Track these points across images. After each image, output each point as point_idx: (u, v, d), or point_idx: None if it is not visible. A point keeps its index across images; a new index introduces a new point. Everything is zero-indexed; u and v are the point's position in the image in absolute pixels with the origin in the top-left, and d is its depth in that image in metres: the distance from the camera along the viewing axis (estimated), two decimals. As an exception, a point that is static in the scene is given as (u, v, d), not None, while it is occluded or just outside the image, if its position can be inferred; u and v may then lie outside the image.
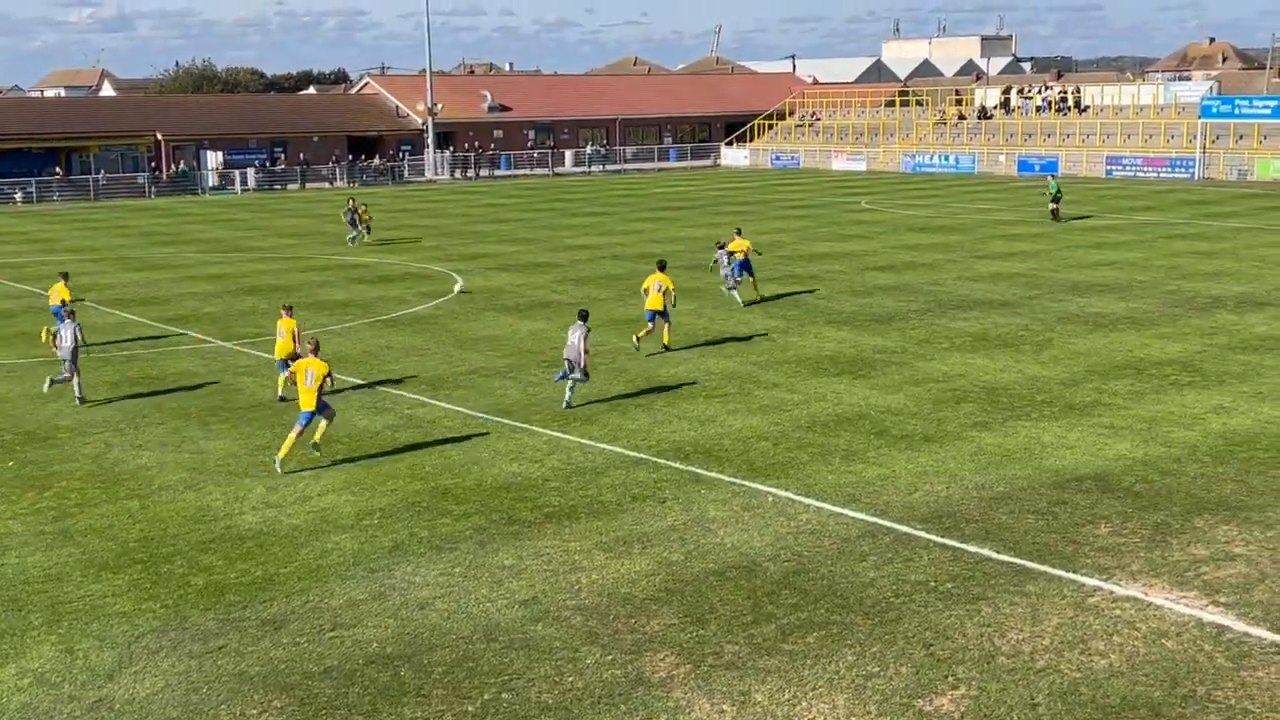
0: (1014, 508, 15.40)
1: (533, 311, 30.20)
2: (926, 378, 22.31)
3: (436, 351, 25.60)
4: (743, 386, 22.01)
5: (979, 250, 39.77)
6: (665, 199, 63.94)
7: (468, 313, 30.29)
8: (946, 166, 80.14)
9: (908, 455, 17.66)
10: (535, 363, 24.29)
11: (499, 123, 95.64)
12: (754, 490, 16.29)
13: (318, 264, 40.22)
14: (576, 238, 46.44)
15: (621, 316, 29.12)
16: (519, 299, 32.11)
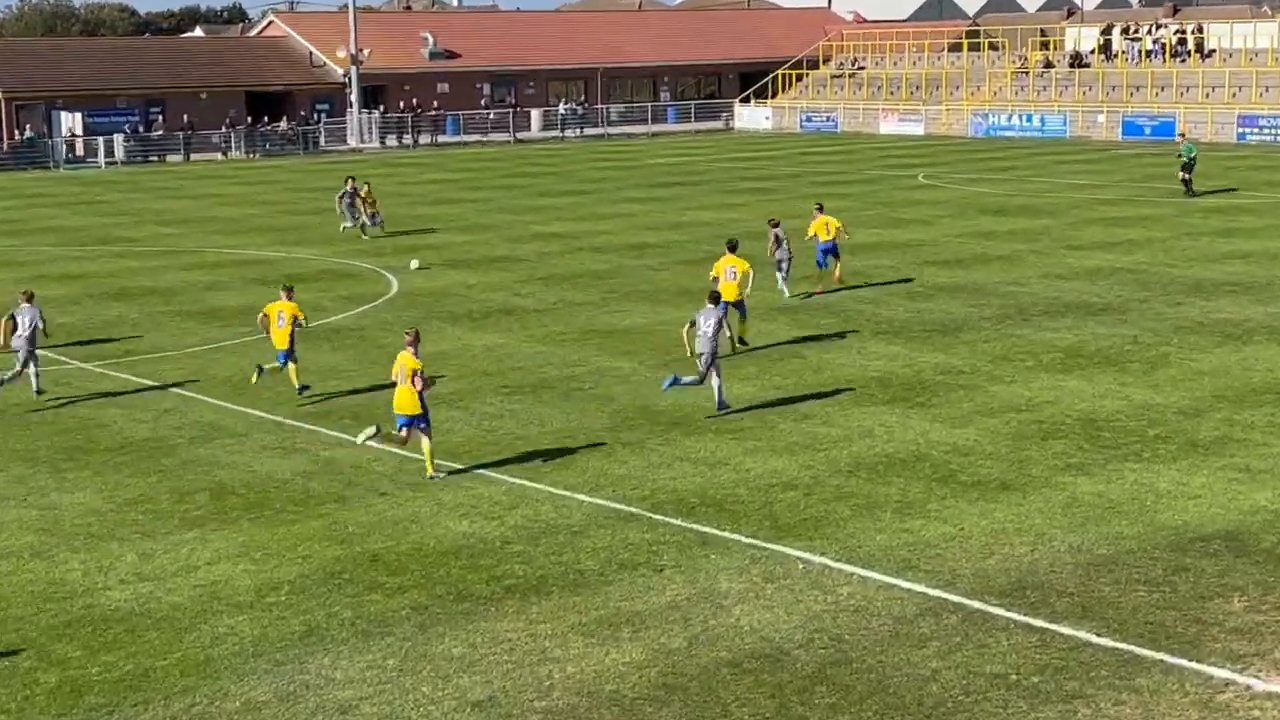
0: (1120, 577, 15.42)
1: (489, 321, 30.27)
2: (1004, 406, 22.37)
3: (362, 374, 25.62)
4: (764, 418, 22.04)
5: (1072, 239, 39.92)
6: (662, 173, 64.15)
7: (404, 323, 30.33)
8: (1029, 129, 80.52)
9: (980, 508, 17.68)
10: (493, 388, 24.32)
11: (444, 74, 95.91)
12: (779, 555, 16.30)
13: (207, 260, 40.27)
14: (546, 224, 46.57)
15: (605, 326, 29.21)
16: (471, 305, 32.19)
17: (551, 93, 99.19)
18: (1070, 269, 34.80)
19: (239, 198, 57.93)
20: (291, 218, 50.23)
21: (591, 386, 24.31)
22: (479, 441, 21.13)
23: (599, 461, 20.00)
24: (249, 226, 47.73)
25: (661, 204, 51.07)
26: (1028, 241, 39.54)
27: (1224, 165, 60.24)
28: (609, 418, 22.29)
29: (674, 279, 34.81)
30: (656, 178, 61.59)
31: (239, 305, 32.33)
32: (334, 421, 22.42)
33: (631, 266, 36.90)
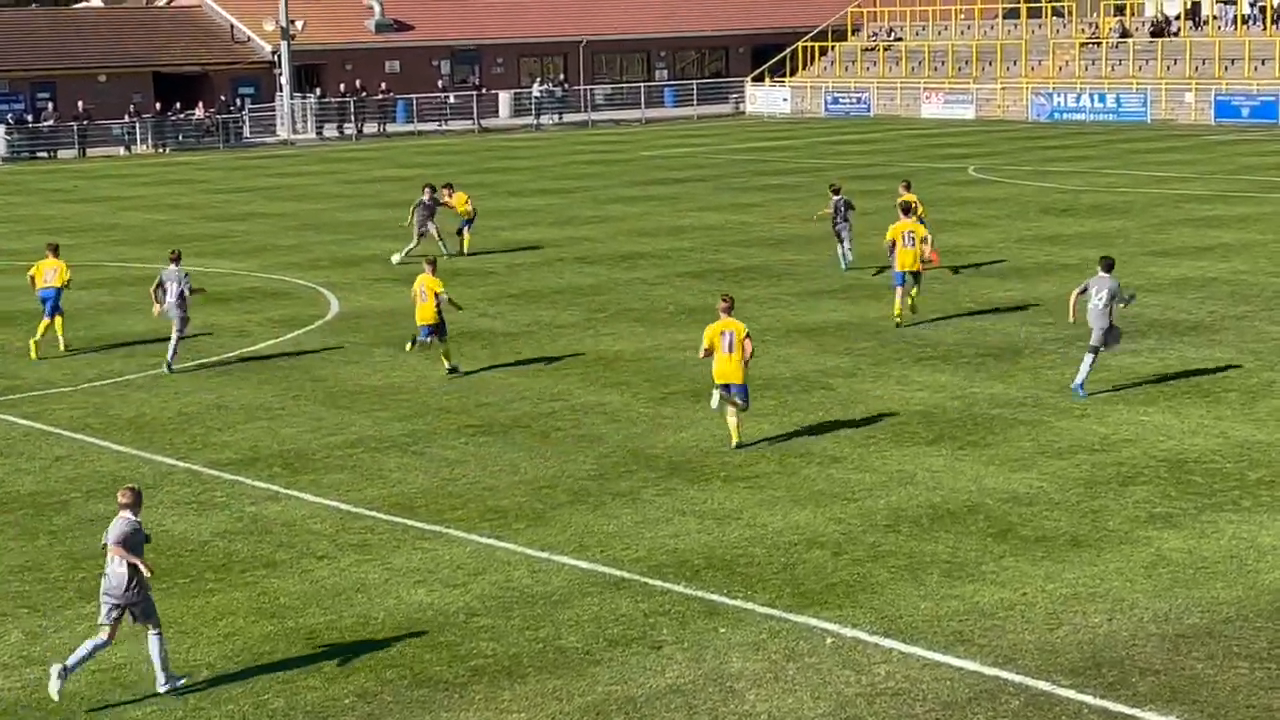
0: (1216, 650, 15.42)
1: (451, 347, 30.27)
2: (1075, 445, 22.40)
3: (296, 413, 25.64)
4: (784, 461, 22.07)
5: (1155, 243, 40.02)
6: (658, 168, 64.31)
7: (347, 349, 30.35)
8: (1102, 111, 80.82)
9: (1046, 569, 17.69)
10: (454, 428, 24.35)
11: (394, 49, 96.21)
12: (803, 628, 16.28)
13: (108, 276, 40.30)
14: (519, 229, 46.66)
15: (590, 352, 29.27)
16: (427, 328, 32.23)
17: (524, 71, 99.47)
18: (1153, 279, 34.89)
19: (146, 201, 58.02)
20: (210, 224, 50.30)
21: (574, 426, 24.31)
22: (438, 493, 21.12)
23: (583, 516, 19.98)
24: (158, 236, 47.78)
25: (658, 205, 51.21)
26: (1101, 247, 39.57)
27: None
28: (595, 463, 22.29)
29: (673, 295, 34.88)
30: (651, 173, 61.75)
31: (146, 330, 32.34)
32: (261, 470, 22.41)
33: (622, 280, 36.97)
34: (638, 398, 25.89)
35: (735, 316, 23.00)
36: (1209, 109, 77.43)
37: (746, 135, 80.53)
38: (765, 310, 32.62)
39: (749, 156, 67.88)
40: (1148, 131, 73.66)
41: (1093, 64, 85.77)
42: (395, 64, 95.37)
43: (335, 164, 71.15)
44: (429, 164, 69.37)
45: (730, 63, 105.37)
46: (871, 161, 63.47)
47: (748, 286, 35.45)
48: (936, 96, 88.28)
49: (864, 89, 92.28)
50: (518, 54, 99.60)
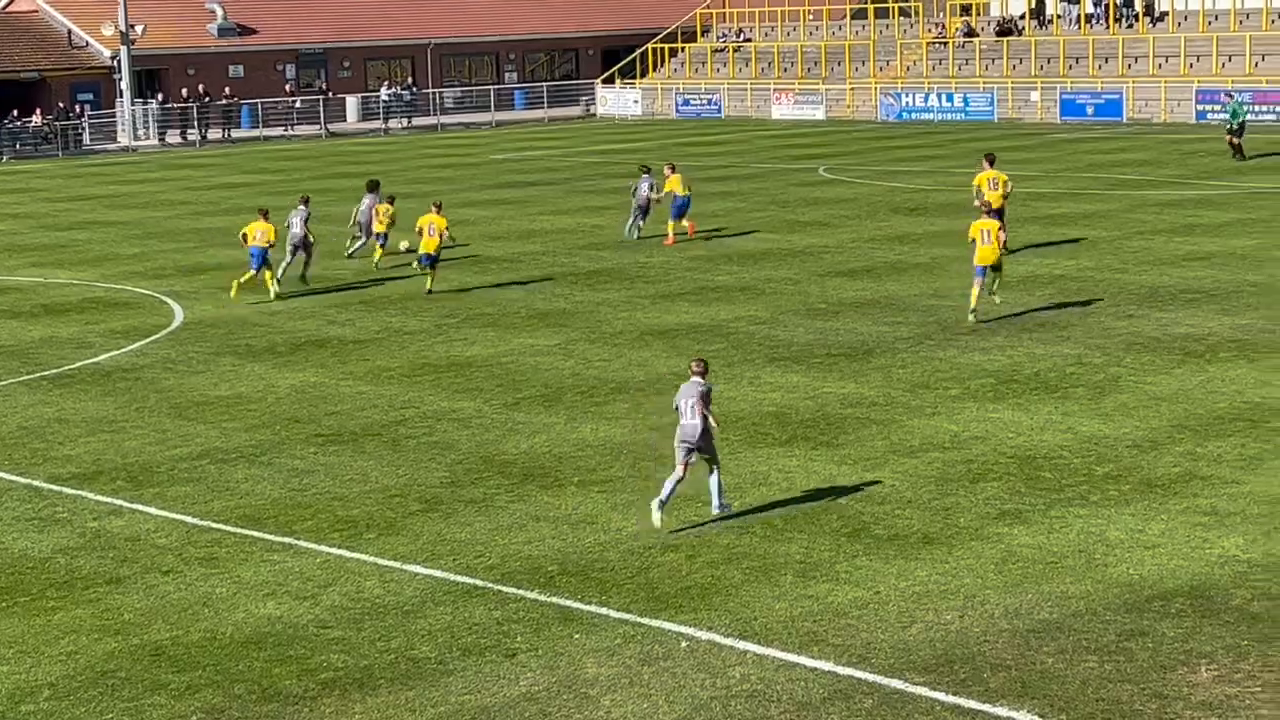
0: (1065, 645, 15.66)
1: (298, 356, 30.07)
2: (926, 443, 22.65)
3: (140, 425, 25.33)
4: (638, 465, 22.12)
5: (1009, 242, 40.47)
6: (509, 171, 64.23)
7: (192, 359, 30.02)
8: (949, 111, 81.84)
9: (899, 567, 17.87)
10: (303, 438, 24.18)
11: (238, 53, 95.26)
12: (658, 632, 16.32)
13: (-58, 288, 39.54)
14: (367, 235, 46.33)
15: (441, 358, 29.18)
16: (275, 336, 31.96)
17: (371, 75, 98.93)
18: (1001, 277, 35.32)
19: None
20: (50, 234, 49.51)
21: (426, 433, 24.23)
22: (287, 504, 20.95)
23: (436, 525, 19.92)
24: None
25: (509, 209, 51.12)
26: (951, 246, 40.12)
27: (1180, 150, 61.67)
28: (447, 470, 22.23)
29: (525, 299, 34.84)
30: (502, 176, 61.65)
31: (-16, 343, 31.78)
32: (104, 485, 22.11)
33: (472, 285, 36.85)
34: (490, 403, 25.84)
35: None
36: (1054, 107, 78.62)
37: (598, 137, 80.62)
38: (618, 313, 32.69)
39: (601, 159, 67.97)
40: (995, 130, 74.67)
41: (940, 64, 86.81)
42: (239, 68, 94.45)
43: (178, 171, 70.31)
44: (275, 170, 68.78)
45: (580, 65, 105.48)
46: (724, 163, 63.80)
47: (600, 290, 35.51)
48: (787, 97, 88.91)
49: (715, 90, 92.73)
50: (364, 57, 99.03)
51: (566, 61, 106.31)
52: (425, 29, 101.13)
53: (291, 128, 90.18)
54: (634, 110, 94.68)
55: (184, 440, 24.28)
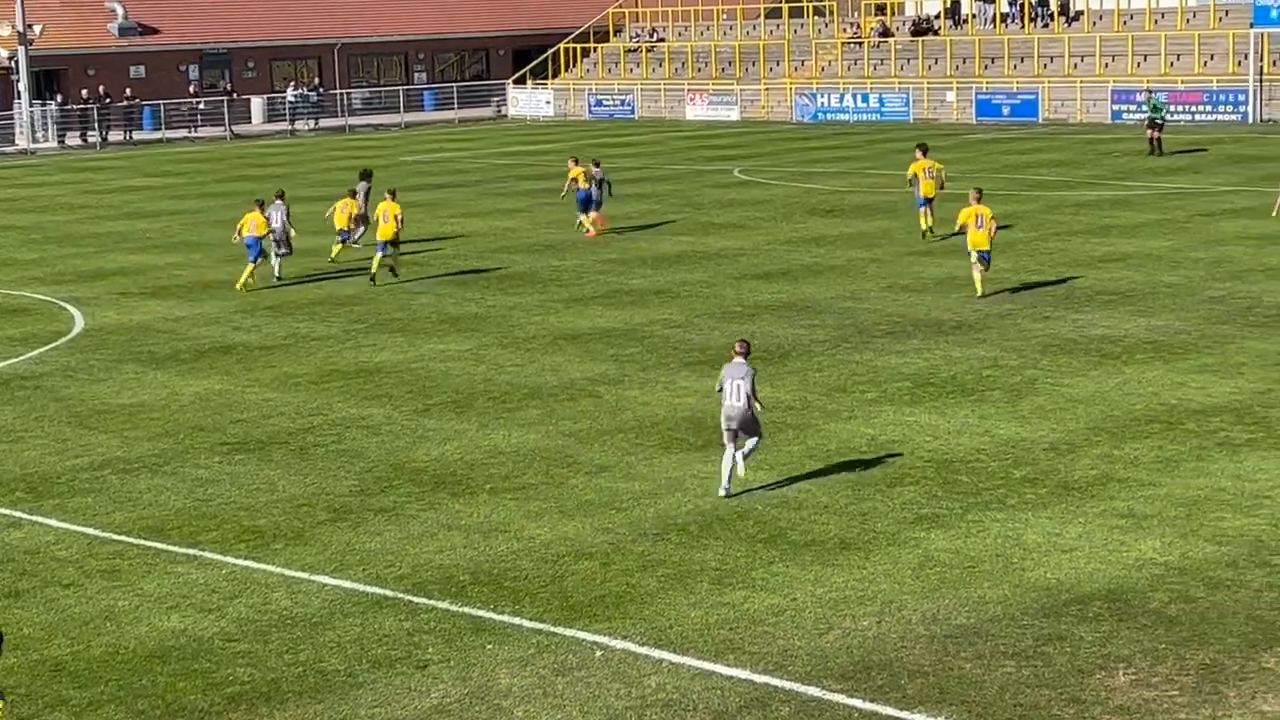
0: (983, 650, 15.77)
1: (202, 363, 29.87)
2: (842, 447, 22.76)
3: (39, 434, 25.09)
4: (551, 472, 22.11)
5: (918, 243, 40.83)
6: (419, 173, 64.01)
7: (93, 367, 29.74)
8: (865, 111, 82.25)
9: (816, 573, 17.95)
10: (208, 447, 24.02)
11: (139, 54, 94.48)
12: (572, 641, 16.33)
13: None
14: (274, 239, 46.07)
15: (350, 365, 29.05)
16: (179, 342, 31.73)
17: (277, 75, 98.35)
18: (918, 279, 35.60)
19: (-124, 214, 56.24)
20: None
21: (334, 441, 24.12)
22: (191, 514, 20.81)
23: (345, 534, 19.83)
24: (-110, 251, 46.40)
25: (418, 211, 50.88)
26: (866, 247, 40.37)
27: (1097, 151, 62.24)
28: (356, 479, 22.14)
29: (436, 304, 34.75)
30: (412, 179, 61.39)
31: (-123, 351, 31.38)
32: (2, 496, 21.88)
33: (382, 290, 36.73)
34: (400, 410, 25.76)
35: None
36: (970, 108, 79.18)
37: (509, 139, 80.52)
38: (531, 318, 32.67)
39: (512, 160, 67.88)
40: (911, 131, 74.99)
41: (855, 64, 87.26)
42: (141, 69, 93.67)
43: (78, 174, 69.65)
44: (178, 173, 68.28)
45: (491, 65, 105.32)
46: (637, 164, 63.85)
47: (512, 294, 35.47)
48: (701, 98, 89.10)
49: (628, 91, 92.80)
50: (270, 57, 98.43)
51: (477, 62, 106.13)
52: (332, 28, 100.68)
53: (195, 129, 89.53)
54: (546, 111, 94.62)
55: (85, 450, 24.06)
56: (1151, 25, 79.30)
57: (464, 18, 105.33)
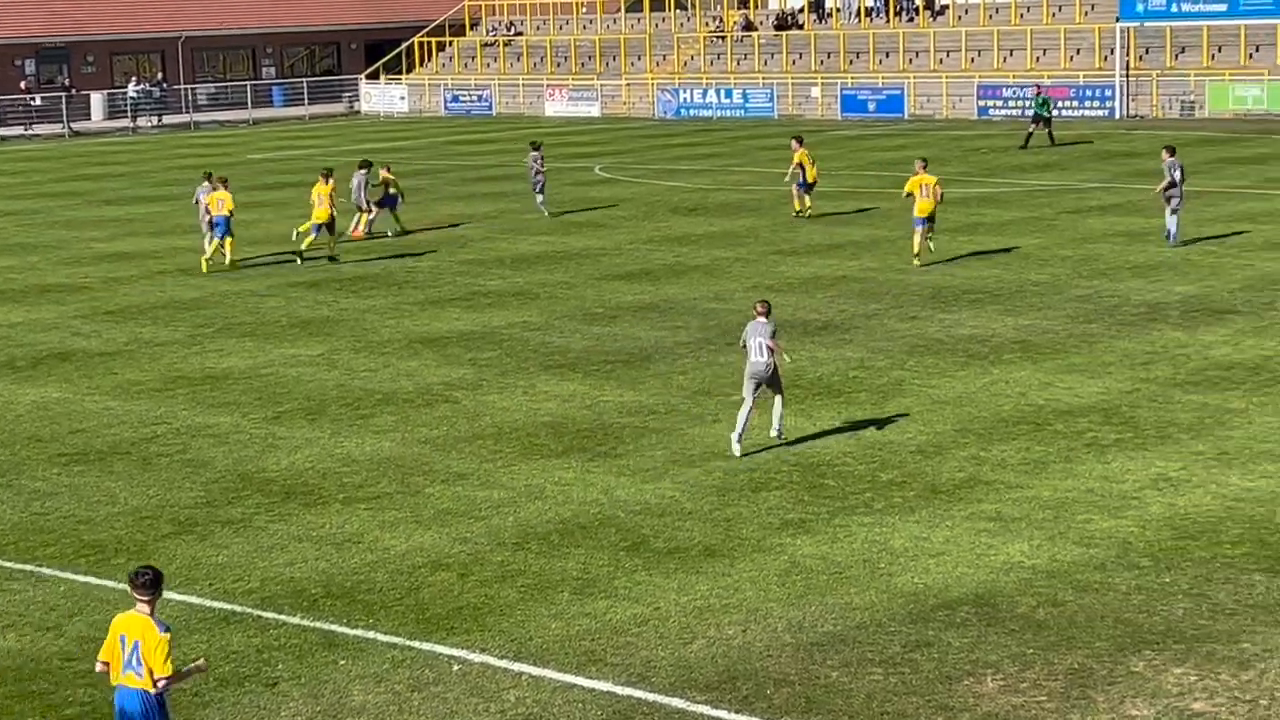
0: (850, 658, 15.88)
1: (39, 370, 29.47)
2: (707, 452, 22.83)
3: None
4: (407, 480, 22.01)
5: (785, 241, 41.07)
6: (269, 171, 63.54)
7: (-76, 376, 29.25)
8: (729, 107, 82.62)
9: (680, 581, 17.98)
10: (45, 458, 23.73)
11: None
12: (428, 655, 16.26)
13: None
14: (114, 241, 45.56)
15: (196, 371, 28.77)
16: (13, 349, 31.28)
17: (118, 70, 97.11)
18: (783, 279, 35.80)
19: None
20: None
21: (179, 450, 23.87)
22: (28, 529, 20.50)
23: (190, 548, 19.63)
24: None
25: (269, 211, 50.53)
26: (730, 247, 40.54)
27: (962, 146, 62.96)
28: (203, 490, 21.92)
29: (286, 307, 34.48)
30: (261, 178, 60.92)
31: None
32: None
33: (230, 293, 36.40)
34: (248, 418, 25.53)
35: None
36: (835, 103, 79.76)
37: (363, 136, 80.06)
38: (385, 321, 32.50)
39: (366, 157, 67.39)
40: (775, 127, 75.50)
41: (718, 58, 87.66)
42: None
43: (-90, 172, 68.44)
44: (14, 171, 67.31)
45: (343, 59, 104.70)
46: (496, 162, 63.76)
47: (366, 296, 35.29)
48: (560, 93, 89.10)
49: (485, 86, 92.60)
50: (110, 51, 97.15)
51: (328, 56, 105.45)
52: (176, 21, 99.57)
53: (30, 127, 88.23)
54: (400, 107, 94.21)
55: (-84, 462, 23.65)
56: (1017, 19, 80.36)
57: (314, 10, 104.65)
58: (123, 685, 12.60)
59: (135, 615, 12.68)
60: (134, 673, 12.52)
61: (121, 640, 12.64)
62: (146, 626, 12.58)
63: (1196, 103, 71.11)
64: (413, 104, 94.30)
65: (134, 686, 12.55)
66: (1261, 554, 18.22)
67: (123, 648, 12.61)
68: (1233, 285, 33.09)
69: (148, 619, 12.63)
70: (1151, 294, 32.53)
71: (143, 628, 12.58)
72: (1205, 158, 54.45)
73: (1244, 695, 14.81)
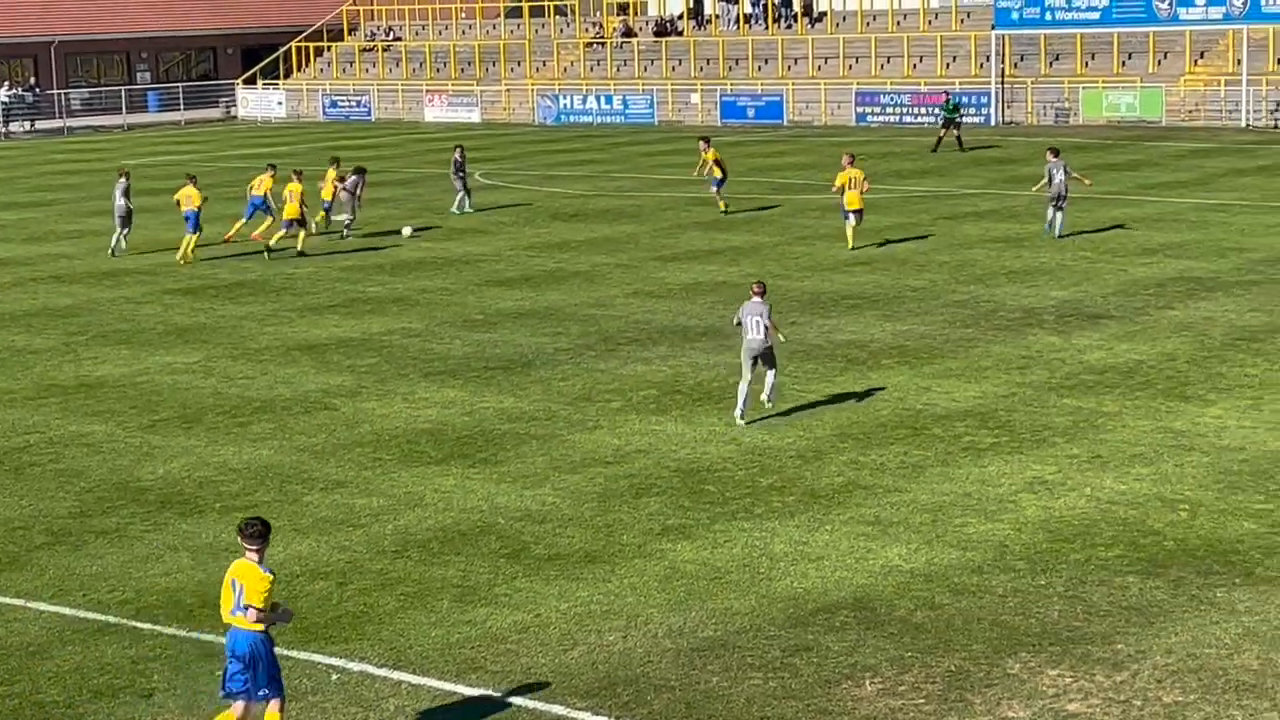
0: (730, 663, 15.94)
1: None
2: (588, 458, 22.86)
3: None
4: (285, 488, 21.89)
5: (666, 248, 41.18)
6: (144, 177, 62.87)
7: None
8: (609, 113, 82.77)
9: (560, 588, 17.99)
10: (-84, 468, 23.32)
11: None
12: (306, 665, 16.19)
13: None
14: (-13, 247, 45.00)
15: (70, 379, 28.48)
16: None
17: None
18: (663, 285, 35.90)
19: None
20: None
21: (52, 460, 23.60)
22: (-102, 540, 20.22)
23: (63, 558, 19.42)
24: None
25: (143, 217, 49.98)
26: (611, 253, 40.59)
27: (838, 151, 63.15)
28: (76, 499, 21.69)
29: (162, 314, 34.17)
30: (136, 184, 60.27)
31: None
32: None
33: (105, 300, 36.04)
34: (123, 426, 25.28)
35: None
36: (715, 110, 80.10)
37: (240, 141, 79.53)
38: (263, 328, 32.29)
39: (244, 164, 66.98)
40: (655, 134, 75.76)
41: (598, 64, 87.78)
42: None
43: None
44: (-116, 176, 66.25)
45: (219, 64, 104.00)
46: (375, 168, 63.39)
47: (244, 303, 35.03)
48: (440, 99, 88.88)
49: (364, 91, 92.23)
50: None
51: (204, 60, 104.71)
52: (49, 25, 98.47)
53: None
54: (278, 112, 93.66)
55: None
56: (894, 27, 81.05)
57: (190, 15, 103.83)
58: (233, 626, 13.89)
59: (244, 563, 13.84)
60: (242, 614, 13.77)
61: (233, 584, 13.88)
62: (251, 569, 13.79)
63: (1071, 110, 72.05)
64: (290, 109, 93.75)
65: (241, 627, 13.82)
66: (1134, 556, 18.48)
67: (234, 591, 13.87)
68: (1106, 290, 33.52)
69: (254, 565, 13.80)
70: (1027, 299, 32.90)
71: (248, 572, 13.78)
72: (1079, 164, 54.87)
73: (1118, 696, 15.01)
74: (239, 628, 13.81)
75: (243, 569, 13.81)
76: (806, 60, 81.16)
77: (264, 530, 13.84)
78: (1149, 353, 28.00)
